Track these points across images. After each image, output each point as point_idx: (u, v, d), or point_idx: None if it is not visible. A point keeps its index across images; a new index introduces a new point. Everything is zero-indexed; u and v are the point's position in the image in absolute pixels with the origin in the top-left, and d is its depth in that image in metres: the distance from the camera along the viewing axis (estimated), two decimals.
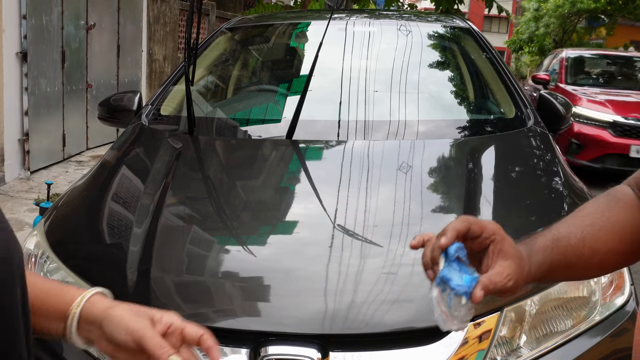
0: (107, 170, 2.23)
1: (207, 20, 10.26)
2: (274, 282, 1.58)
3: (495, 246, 0.79)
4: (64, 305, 0.77)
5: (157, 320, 0.75)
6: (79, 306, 0.76)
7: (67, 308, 0.77)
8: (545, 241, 0.84)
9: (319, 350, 1.38)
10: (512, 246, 0.80)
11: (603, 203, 0.91)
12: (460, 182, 2.01)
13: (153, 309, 0.77)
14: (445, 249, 0.75)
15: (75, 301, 0.77)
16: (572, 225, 0.87)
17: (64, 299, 0.78)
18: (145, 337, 0.72)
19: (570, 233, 0.85)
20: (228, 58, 3.19)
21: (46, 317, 0.78)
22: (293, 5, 10.16)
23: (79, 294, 0.78)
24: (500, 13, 8.52)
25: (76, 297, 0.78)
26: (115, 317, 0.75)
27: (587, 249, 0.84)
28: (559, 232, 0.85)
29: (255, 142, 2.48)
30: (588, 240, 0.85)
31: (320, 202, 1.90)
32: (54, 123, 6.26)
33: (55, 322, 0.78)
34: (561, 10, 23.27)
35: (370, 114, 2.48)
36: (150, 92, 8.63)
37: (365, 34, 2.99)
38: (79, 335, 0.77)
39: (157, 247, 1.67)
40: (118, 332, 0.73)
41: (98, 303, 0.77)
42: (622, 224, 0.87)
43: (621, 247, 0.86)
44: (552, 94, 2.84)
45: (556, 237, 0.85)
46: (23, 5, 5.48)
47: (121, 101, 2.84)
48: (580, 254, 0.84)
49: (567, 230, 0.86)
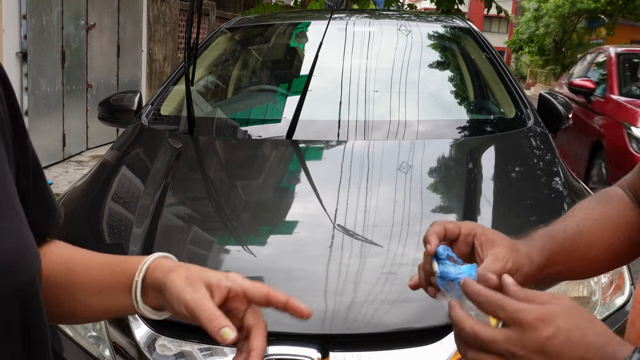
0: (107, 170, 2.23)
1: (207, 20, 10.26)
2: (274, 282, 1.58)
3: (479, 239, 0.78)
4: (128, 277, 0.74)
5: (214, 285, 0.69)
6: (141, 273, 0.72)
7: (132, 279, 0.73)
8: (542, 232, 0.84)
9: (319, 350, 1.38)
10: (494, 233, 0.79)
11: (596, 200, 0.90)
12: (460, 182, 2.01)
13: (212, 272, 0.72)
14: (434, 254, 0.75)
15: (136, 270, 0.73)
16: (566, 219, 0.86)
17: (128, 271, 0.74)
18: (196, 309, 0.67)
19: (565, 226, 0.85)
20: (228, 58, 3.19)
21: (115, 293, 0.75)
22: (293, 5, 10.16)
23: (141, 261, 0.74)
24: (500, 13, 8.52)
25: (138, 265, 0.74)
26: (169, 284, 0.70)
27: (584, 242, 0.84)
28: (554, 227, 0.85)
29: (255, 142, 2.48)
30: (584, 233, 0.84)
31: (320, 202, 1.90)
32: (54, 123, 6.27)
33: (124, 295, 0.74)
34: (561, 10, 23.29)
35: (370, 114, 2.48)
36: (150, 92, 8.63)
37: (365, 34, 2.99)
38: (146, 304, 0.73)
39: (157, 247, 1.67)
40: (173, 301, 0.69)
41: (158, 268, 0.73)
42: (616, 219, 0.86)
43: (617, 243, 0.86)
44: (552, 94, 2.84)
45: (552, 229, 0.84)
46: (23, 5, 5.48)
47: (121, 101, 2.84)
48: (577, 245, 0.83)
49: (562, 224, 0.85)
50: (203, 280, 0.70)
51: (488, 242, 0.77)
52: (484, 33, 3.30)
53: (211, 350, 1.43)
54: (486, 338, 0.62)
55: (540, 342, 0.60)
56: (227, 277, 0.70)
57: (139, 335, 1.47)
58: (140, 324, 1.48)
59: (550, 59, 26.60)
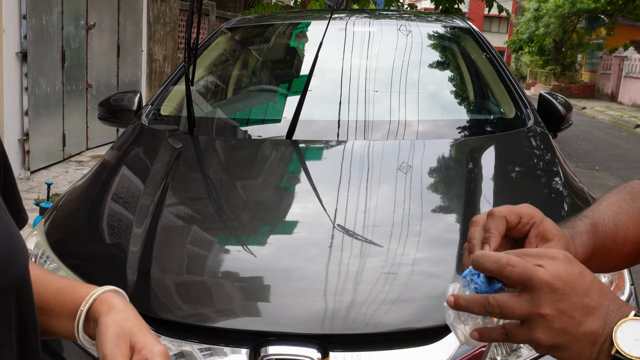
0: (107, 170, 2.22)
1: (207, 20, 10.26)
2: (274, 282, 1.58)
3: (537, 229, 0.75)
4: (75, 305, 0.76)
5: (137, 350, 0.70)
6: (87, 304, 0.75)
7: (77, 307, 0.76)
8: (585, 225, 0.82)
9: (319, 350, 1.38)
10: (554, 226, 0.76)
11: (625, 194, 0.88)
12: (460, 182, 2.01)
13: (146, 334, 0.72)
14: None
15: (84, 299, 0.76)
16: (603, 212, 0.85)
17: (76, 298, 0.76)
18: None
19: (604, 220, 0.83)
20: (228, 58, 3.19)
21: (59, 316, 0.77)
22: (293, 5, 10.16)
23: (90, 291, 0.76)
24: (501, 13, 8.52)
25: (87, 295, 0.76)
26: (101, 326, 0.72)
27: (620, 236, 0.83)
28: (594, 218, 0.83)
29: (255, 142, 2.48)
30: (620, 227, 0.83)
31: (320, 202, 1.90)
32: (54, 123, 6.27)
33: (66, 321, 0.76)
34: (561, 10, 23.28)
35: (370, 114, 2.48)
36: (150, 92, 8.63)
37: (365, 34, 2.99)
38: (86, 334, 0.76)
39: (157, 247, 1.67)
40: (97, 342, 0.71)
41: (103, 303, 0.75)
42: None
43: None
44: (552, 94, 2.84)
45: (594, 222, 0.82)
46: (23, 5, 5.48)
47: (121, 101, 2.84)
48: (615, 241, 0.82)
49: (600, 216, 0.84)
50: (131, 339, 0.71)
51: (544, 235, 0.75)
52: (484, 33, 3.30)
53: (211, 350, 1.43)
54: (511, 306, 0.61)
55: (574, 277, 0.61)
56: (152, 349, 0.71)
57: None
58: None
59: (550, 59, 26.59)
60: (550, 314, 0.60)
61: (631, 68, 20.13)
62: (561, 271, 0.61)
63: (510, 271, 0.62)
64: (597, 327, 0.60)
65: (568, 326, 0.60)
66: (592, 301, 0.61)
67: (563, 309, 0.60)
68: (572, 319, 0.60)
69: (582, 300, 0.60)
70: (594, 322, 0.61)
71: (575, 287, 0.60)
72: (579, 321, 0.60)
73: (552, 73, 25.84)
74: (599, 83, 23.35)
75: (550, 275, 0.60)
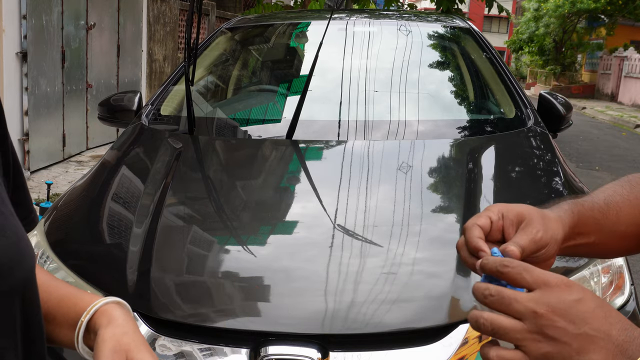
0: (107, 170, 2.23)
1: (207, 20, 10.26)
2: (274, 282, 1.58)
3: (507, 219, 0.73)
4: (76, 314, 0.76)
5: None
6: (88, 315, 0.75)
7: (78, 317, 0.75)
8: (570, 204, 0.80)
9: (319, 350, 1.38)
10: (520, 207, 0.75)
11: (623, 182, 0.87)
12: (460, 182, 2.01)
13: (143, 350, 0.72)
14: None
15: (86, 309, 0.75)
16: (593, 195, 0.84)
17: (79, 307, 0.76)
18: None
19: (593, 198, 0.82)
20: (228, 58, 3.19)
21: (61, 325, 0.77)
22: (293, 5, 10.16)
23: (93, 301, 0.76)
24: (501, 13, 8.52)
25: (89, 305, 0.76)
26: (99, 339, 0.72)
27: (612, 214, 0.81)
28: (582, 198, 0.82)
29: (255, 142, 2.48)
30: (612, 206, 0.81)
31: (320, 202, 1.90)
32: (54, 123, 6.27)
33: (69, 330, 0.76)
34: (561, 10, 23.28)
35: (370, 114, 2.48)
36: (150, 92, 8.63)
37: (365, 34, 2.99)
38: (86, 345, 0.75)
39: (157, 247, 1.67)
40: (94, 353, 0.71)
41: (104, 315, 0.75)
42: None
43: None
44: (552, 94, 2.84)
45: (580, 201, 0.81)
46: (23, 5, 5.48)
47: (121, 101, 2.84)
48: (605, 215, 0.80)
49: (590, 197, 0.83)
50: (127, 355, 0.71)
51: (516, 218, 0.73)
52: (484, 33, 3.30)
53: (211, 350, 1.43)
54: (509, 294, 0.60)
55: (567, 304, 0.58)
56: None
57: None
58: (140, 324, 1.48)
59: (550, 59, 26.59)
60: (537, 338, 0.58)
61: (631, 68, 20.13)
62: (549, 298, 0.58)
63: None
64: (600, 358, 0.57)
65: (563, 352, 0.58)
66: (592, 329, 0.57)
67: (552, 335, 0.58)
68: (568, 346, 0.58)
69: (578, 328, 0.57)
70: (597, 353, 0.57)
71: (568, 314, 0.58)
72: (577, 349, 0.57)
73: (552, 73, 25.83)
74: (599, 83, 23.35)
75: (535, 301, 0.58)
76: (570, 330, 0.57)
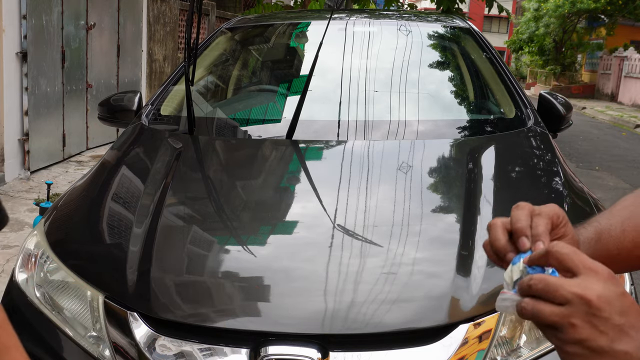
0: (107, 170, 2.23)
1: (207, 20, 10.26)
2: (274, 282, 1.58)
3: (559, 230, 0.75)
4: None
5: None
6: None
7: None
8: (589, 233, 0.82)
9: (319, 350, 1.38)
10: (571, 228, 0.77)
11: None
12: (460, 182, 2.01)
13: None
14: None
15: None
16: (612, 217, 0.85)
17: None
18: None
19: (611, 225, 0.84)
20: (228, 58, 3.19)
21: None
22: (293, 5, 10.16)
23: None
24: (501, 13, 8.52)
25: None
26: None
27: (628, 241, 0.83)
28: (600, 225, 0.84)
29: (255, 142, 2.48)
30: (629, 232, 0.83)
31: (320, 202, 1.90)
32: (54, 123, 6.27)
33: None
34: (561, 10, 23.27)
35: (370, 114, 2.48)
36: (150, 92, 8.63)
37: (365, 34, 2.99)
38: None
39: (157, 247, 1.67)
40: None
41: None
42: None
43: None
44: (552, 94, 2.84)
45: (599, 230, 0.83)
46: (23, 5, 5.48)
47: (121, 101, 2.84)
48: (621, 246, 0.82)
49: (608, 222, 0.84)
50: None
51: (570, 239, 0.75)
52: (484, 33, 3.30)
53: (211, 350, 1.43)
54: (555, 281, 0.60)
55: (614, 295, 0.59)
56: None
57: (139, 335, 1.47)
58: (140, 324, 1.48)
59: (550, 59, 26.59)
60: (578, 323, 0.59)
61: (631, 68, 20.13)
62: (596, 285, 0.60)
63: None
64: (630, 349, 0.59)
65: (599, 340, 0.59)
66: (629, 323, 0.59)
67: (594, 322, 0.59)
68: (605, 336, 0.59)
69: (619, 320, 0.59)
70: (629, 344, 0.59)
71: (614, 305, 0.59)
72: (612, 339, 0.59)
73: (552, 73, 25.83)
74: (599, 83, 23.35)
75: (582, 287, 0.59)
76: (613, 321, 0.59)
